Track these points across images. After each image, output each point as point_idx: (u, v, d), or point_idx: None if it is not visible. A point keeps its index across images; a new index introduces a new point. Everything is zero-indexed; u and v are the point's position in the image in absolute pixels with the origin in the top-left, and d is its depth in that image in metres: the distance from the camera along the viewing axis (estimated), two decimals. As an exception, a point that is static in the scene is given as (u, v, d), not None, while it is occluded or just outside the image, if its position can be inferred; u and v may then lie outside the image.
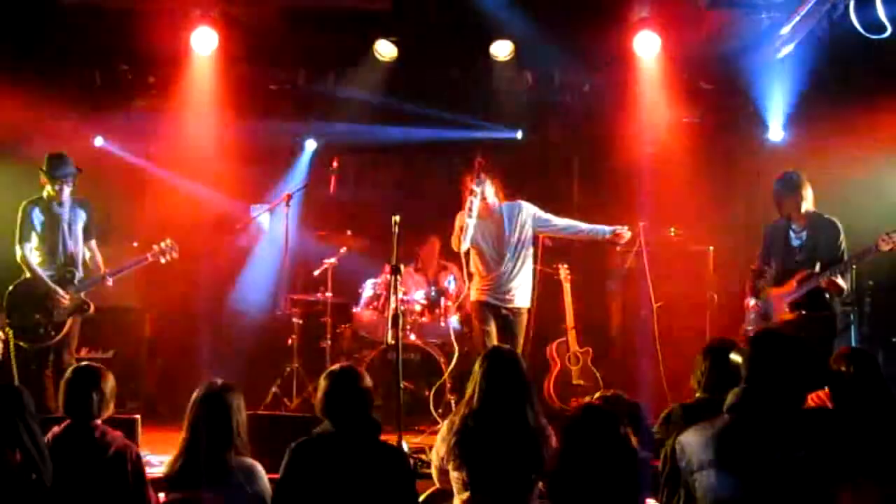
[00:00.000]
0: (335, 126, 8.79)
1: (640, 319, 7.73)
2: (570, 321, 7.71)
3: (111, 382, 4.28)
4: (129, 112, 8.69)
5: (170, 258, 6.84)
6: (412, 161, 9.34)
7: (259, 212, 8.12)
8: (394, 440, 5.48)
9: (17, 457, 3.77)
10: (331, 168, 8.20)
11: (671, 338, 7.45)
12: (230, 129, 8.38)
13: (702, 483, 3.48)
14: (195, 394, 4.06)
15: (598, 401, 3.95)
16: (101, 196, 7.39)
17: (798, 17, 6.98)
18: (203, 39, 7.76)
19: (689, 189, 8.08)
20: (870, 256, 6.04)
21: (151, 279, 8.02)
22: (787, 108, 8.24)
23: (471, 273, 6.71)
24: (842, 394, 3.59)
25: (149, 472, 4.35)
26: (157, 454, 5.44)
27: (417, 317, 7.72)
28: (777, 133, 8.23)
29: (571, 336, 7.71)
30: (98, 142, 8.37)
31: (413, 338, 7.54)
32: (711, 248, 8.07)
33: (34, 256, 6.55)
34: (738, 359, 3.77)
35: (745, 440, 3.43)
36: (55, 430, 4.14)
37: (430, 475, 4.41)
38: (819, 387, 4.01)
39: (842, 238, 6.18)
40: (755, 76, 8.45)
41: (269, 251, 8.23)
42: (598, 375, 7.60)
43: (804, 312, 6.15)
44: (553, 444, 4.12)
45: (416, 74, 8.46)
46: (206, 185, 8.43)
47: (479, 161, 7.99)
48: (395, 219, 5.92)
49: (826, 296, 6.18)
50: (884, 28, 6.07)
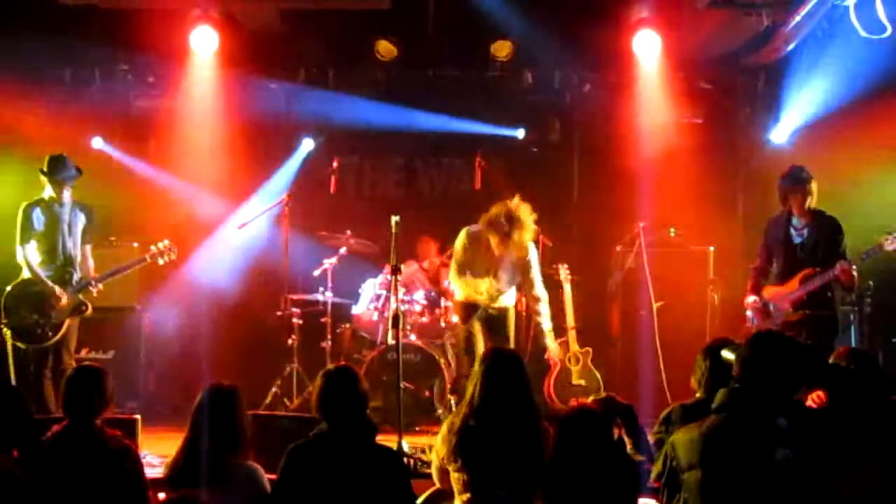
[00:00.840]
0: (335, 126, 8.79)
1: (640, 319, 7.73)
2: (571, 321, 7.70)
3: (111, 383, 4.28)
4: (129, 112, 8.70)
5: (168, 259, 6.83)
6: (412, 161, 9.33)
7: (259, 212, 8.11)
8: (394, 440, 5.49)
9: (14, 456, 3.77)
10: (331, 168, 8.20)
11: (671, 338, 7.45)
12: (230, 129, 8.37)
13: (690, 483, 3.48)
14: (201, 394, 4.06)
15: (592, 404, 3.95)
16: (101, 196, 7.40)
17: (798, 17, 6.97)
18: (203, 39, 7.76)
19: (689, 189, 8.08)
20: (874, 255, 6.05)
21: (151, 279, 8.03)
22: (787, 108, 8.25)
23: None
24: (839, 393, 3.58)
25: (148, 473, 4.36)
26: (157, 454, 5.44)
27: (417, 317, 7.71)
28: (780, 134, 8.23)
29: (571, 336, 7.70)
30: (96, 143, 8.35)
31: (413, 338, 7.53)
32: (711, 248, 8.06)
33: (35, 257, 6.54)
34: (731, 356, 3.77)
35: (733, 440, 3.43)
36: (55, 430, 4.14)
37: (431, 475, 4.41)
38: (815, 387, 4.00)
39: (842, 236, 6.19)
40: (755, 76, 8.46)
41: (269, 251, 8.22)
42: (599, 375, 7.59)
43: (807, 312, 6.15)
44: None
45: (416, 74, 8.47)
46: (206, 185, 8.41)
47: (480, 162, 8.01)
48: (395, 219, 5.92)
49: (828, 294, 6.18)
50: (884, 28, 6.08)
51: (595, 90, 8.64)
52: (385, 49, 8.15)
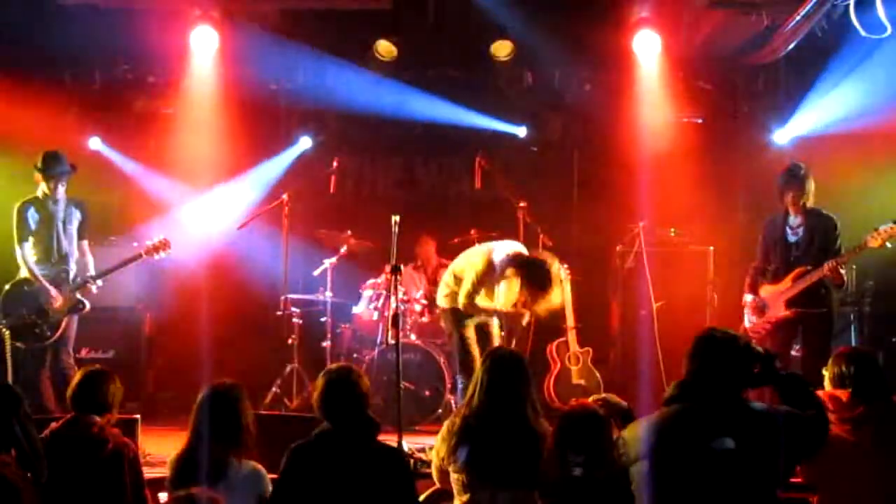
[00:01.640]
0: (335, 126, 8.79)
1: (640, 319, 7.72)
2: (571, 321, 7.70)
3: (120, 389, 4.32)
4: (129, 112, 8.69)
5: (164, 254, 6.81)
6: (412, 161, 9.33)
7: (258, 212, 8.12)
8: (394, 440, 5.49)
9: (13, 455, 3.77)
10: (331, 168, 8.20)
11: (671, 338, 7.43)
12: (230, 129, 8.37)
13: (637, 475, 3.51)
14: (202, 393, 4.07)
15: (592, 403, 3.96)
16: (102, 194, 7.40)
17: (798, 17, 6.97)
18: (203, 39, 7.76)
19: (689, 189, 8.08)
20: (860, 253, 6.05)
21: (151, 279, 8.03)
22: (787, 108, 8.25)
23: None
24: (787, 393, 3.63)
25: (148, 473, 4.36)
26: (157, 454, 5.44)
27: (417, 317, 7.71)
28: (782, 136, 8.23)
29: (571, 336, 7.70)
30: (93, 143, 8.34)
31: (413, 338, 7.53)
32: (711, 248, 8.06)
33: (31, 256, 6.54)
34: None
35: (678, 430, 3.48)
36: (53, 427, 4.15)
37: (431, 475, 4.41)
38: (762, 387, 4.02)
39: (837, 234, 6.19)
40: (755, 76, 8.46)
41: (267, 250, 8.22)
42: (599, 375, 7.60)
43: (801, 310, 6.16)
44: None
45: (416, 74, 8.46)
46: (205, 185, 8.41)
47: (480, 162, 8.01)
48: (395, 219, 5.91)
49: (823, 292, 6.19)
50: (884, 28, 6.08)
51: (595, 90, 8.63)
52: (385, 49, 8.15)
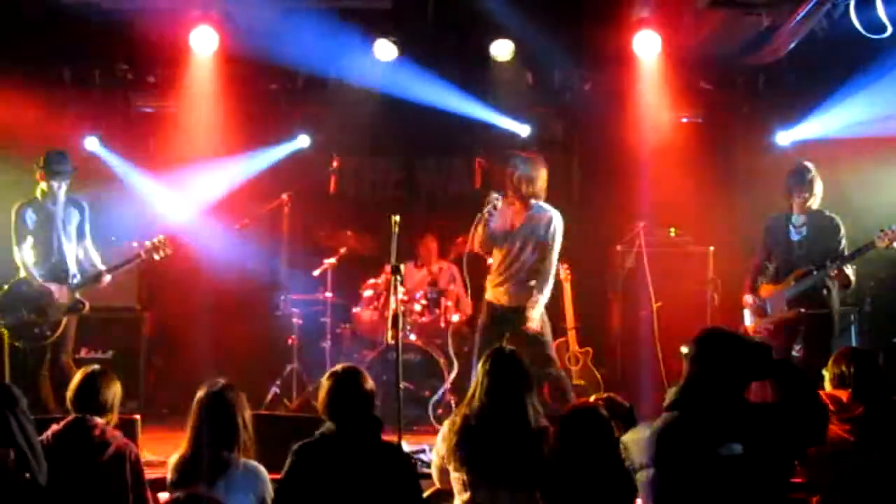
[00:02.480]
0: (335, 126, 8.79)
1: (640, 320, 7.72)
2: (571, 321, 7.71)
3: (120, 390, 4.32)
4: (129, 112, 8.69)
5: (163, 255, 6.80)
6: (412, 161, 9.33)
7: (259, 212, 8.12)
8: (394, 440, 5.48)
9: (11, 455, 3.77)
10: (331, 168, 8.20)
11: (671, 338, 7.43)
12: (230, 129, 8.37)
13: (643, 482, 3.48)
14: (198, 393, 4.08)
15: (593, 403, 3.96)
16: (102, 194, 7.40)
17: (798, 17, 6.97)
18: (203, 39, 7.75)
19: (689, 189, 8.08)
20: (866, 252, 6.05)
21: (151, 279, 8.03)
22: (787, 108, 8.25)
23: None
24: (787, 385, 3.57)
25: (148, 473, 4.36)
26: (157, 454, 5.44)
27: (417, 317, 7.71)
28: (784, 138, 8.23)
29: (571, 336, 7.71)
30: (89, 143, 8.32)
31: (413, 338, 7.53)
32: (711, 248, 8.06)
33: (29, 257, 6.54)
34: (686, 351, 3.78)
35: (684, 437, 3.43)
36: (55, 428, 4.15)
37: (430, 475, 4.41)
38: (764, 381, 3.99)
39: (842, 234, 6.18)
40: (755, 76, 8.46)
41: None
42: (599, 376, 7.60)
43: (802, 310, 6.15)
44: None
45: (416, 74, 8.45)
46: (205, 185, 8.40)
47: (480, 162, 8.02)
48: (395, 219, 5.91)
49: (824, 293, 6.18)
50: (884, 28, 6.07)
51: (595, 90, 8.63)
52: (386, 49, 8.15)
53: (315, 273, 7.91)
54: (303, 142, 8.61)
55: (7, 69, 7.67)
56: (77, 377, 4.32)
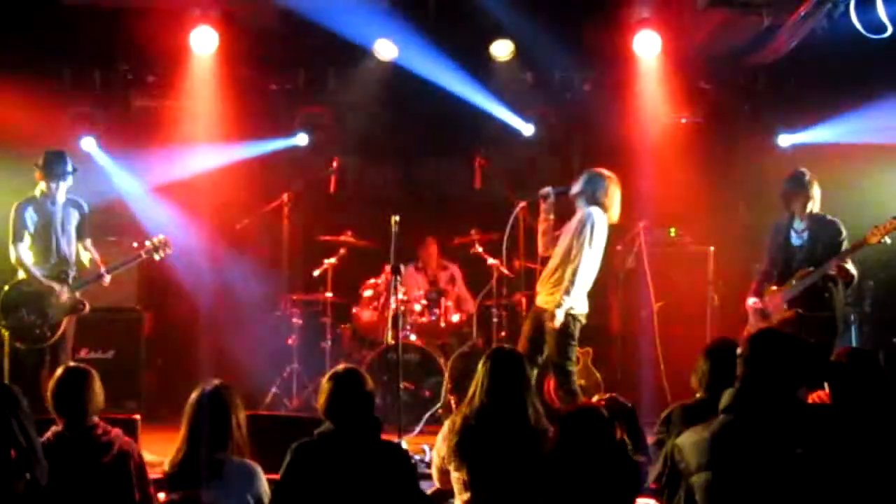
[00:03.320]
0: (335, 126, 8.79)
1: (641, 320, 7.73)
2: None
3: (99, 382, 4.28)
4: (129, 111, 8.69)
5: (164, 254, 6.80)
6: (412, 161, 9.33)
7: (258, 212, 8.12)
8: (394, 440, 5.48)
9: (12, 456, 3.76)
10: (331, 168, 8.20)
11: (671, 338, 7.45)
12: (229, 129, 8.37)
13: (700, 485, 3.47)
14: (193, 394, 4.08)
15: (595, 403, 3.96)
16: (101, 194, 7.40)
17: (798, 17, 6.98)
18: (203, 39, 7.76)
19: (689, 189, 8.08)
20: (860, 250, 6.04)
21: (151, 279, 8.03)
22: (788, 109, 8.25)
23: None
24: (841, 390, 3.58)
25: (148, 473, 4.35)
26: (157, 454, 5.43)
27: (417, 317, 7.71)
28: (785, 140, 8.23)
29: (571, 336, 7.69)
30: (86, 144, 8.32)
31: (413, 338, 7.53)
32: (711, 249, 8.06)
33: (28, 256, 6.54)
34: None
35: (742, 440, 3.42)
36: (56, 429, 4.14)
37: (430, 475, 4.41)
38: (818, 385, 4.00)
39: (843, 237, 6.17)
40: (755, 76, 8.46)
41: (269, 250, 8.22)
42: (599, 376, 7.59)
43: (801, 311, 6.14)
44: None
45: (416, 74, 8.45)
46: (205, 185, 8.40)
47: (480, 162, 8.01)
48: (395, 219, 5.92)
49: (826, 295, 6.17)
50: (884, 28, 6.07)
51: (595, 90, 8.63)
52: (385, 49, 8.15)
53: (315, 273, 7.91)
54: (301, 139, 8.61)
55: (7, 69, 7.66)
56: (52, 385, 4.20)
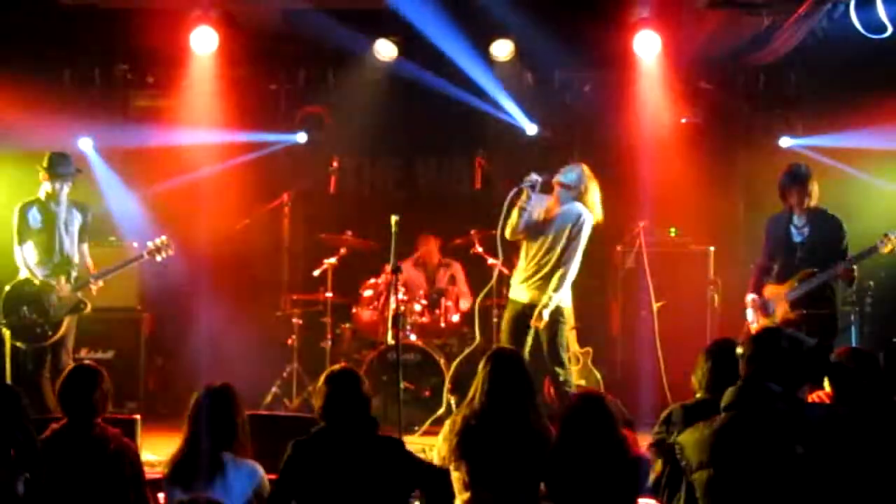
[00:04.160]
0: (335, 126, 8.78)
1: (641, 320, 7.72)
2: (571, 321, 7.69)
3: (108, 382, 4.29)
4: (129, 112, 8.69)
5: (165, 255, 6.81)
6: (412, 161, 9.33)
7: (259, 212, 8.12)
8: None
9: (12, 455, 3.77)
10: (331, 168, 8.19)
11: (671, 338, 7.44)
12: (229, 129, 8.37)
13: (701, 483, 3.48)
14: (195, 394, 4.08)
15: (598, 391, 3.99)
16: (100, 194, 7.39)
17: (798, 17, 6.98)
18: (203, 39, 7.75)
19: (690, 189, 8.07)
20: (870, 257, 6.05)
21: (151, 279, 8.02)
22: (787, 108, 8.25)
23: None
24: (843, 389, 3.58)
25: (148, 473, 4.36)
26: (157, 454, 5.44)
27: (417, 317, 7.71)
28: (785, 140, 8.23)
29: (571, 336, 7.69)
30: (83, 144, 8.31)
31: (413, 338, 7.53)
32: (711, 248, 8.06)
33: (31, 256, 6.54)
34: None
35: (743, 438, 3.42)
36: (54, 428, 4.14)
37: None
38: (819, 383, 4.00)
39: (844, 233, 6.16)
40: (755, 76, 8.46)
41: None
42: (599, 375, 7.59)
43: (804, 311, 6.14)
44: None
45: (416, 74, 8.45)
46: (205, 185, 8.40)
47: (480, 162, 8.02)
48: (395, 219, 5.92)
49: (827, 294, 6.17)
50: (884, 28, 6.08)
51: (595, 90, 8.63)
52: (385, 49, 8.15)
53: (315, 273, 7.91)
54: (301, 138, 8.62)
55: (7, 69, 7.66)
56: (59, 383, 4.23)
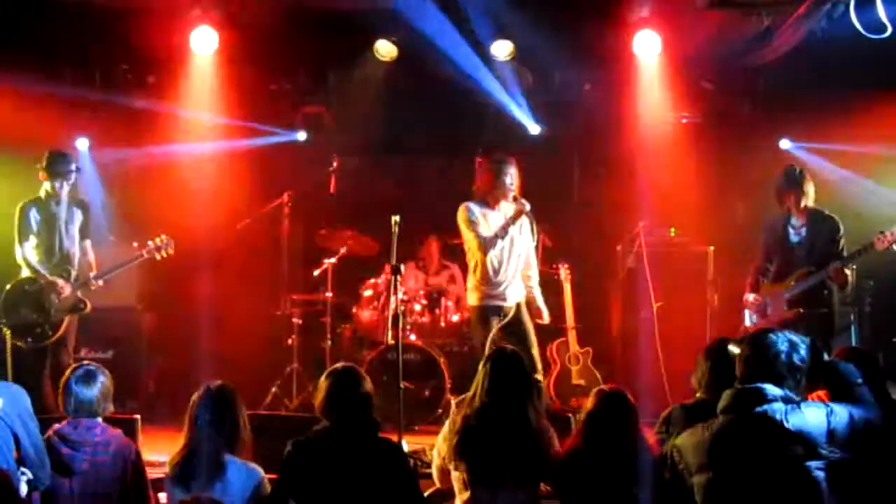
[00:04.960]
0: (335, 126, 8.78)
1: (641, 320, 7.72)
2: (571, 321, 7.70)
3: (110, 382, 4.29)
4: (128, 112, 8.69)
5: (165, 254, 6.80)
6: (412, 161, 9.33)
7: (259, 212, 8.11)
8: (393, 439, 5.48)
9: (15, 455, 3.78)
10: (331, 168, 8.20)
11: (671, 338, 7.45)
12: (229, 129, 8.37)
13: (700, 485, 3.48)
14: (195, 394, 4.08)
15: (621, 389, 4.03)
16: (100, 193, 7.39)
17: (798, 17, 6.98)
18: (203, 39, 7.75)
19: (689, 189, 8.08)
20: (865, 255, 6.05)
21: (152, 279, 8.02)
22: (787, 108, 8.24)
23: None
24: (838, 389, 3.59)
25: (148, 473, 4.36)
26: (158, 454, 5.43)
27: (417, 317, 7.71)
28: (785, 142, 8.23)
29: (571, 336, 7.71)
30: (81, 144, 8.30)
31: (413, 338, 7.53)
32: (711, 248, 8.06)
33: (32, 256, 6.54)
34: (736, 350, 3.78)
35: (740, 442, 3.42)
36: (56, 428, 4.15)
37: (430, 475, 4.41)
38: (817, 383, 4.00)
39: (840, 234, 6.18)
40: (755, 76, 8.46)
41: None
42: (599, 376, 7.60)
43: (802, 310, 6.15)
44: (555, 445, 4.14)
45: (416, 74, 8.46)
46: (205, 185, 8.40)
47: (480, 162, 8.01)
48: (395, 219, 5.92)
49: (825, 293, 6.18)
50: (884, 28, 6.08)
51: (595, 90, 8.63)
52: (385, 49, 8.15)
53: (315, 273, 7.91)
54: (300, 136, 8.62)
55: (7, 69, 7.66)
56: (62, 384, 4.23)
